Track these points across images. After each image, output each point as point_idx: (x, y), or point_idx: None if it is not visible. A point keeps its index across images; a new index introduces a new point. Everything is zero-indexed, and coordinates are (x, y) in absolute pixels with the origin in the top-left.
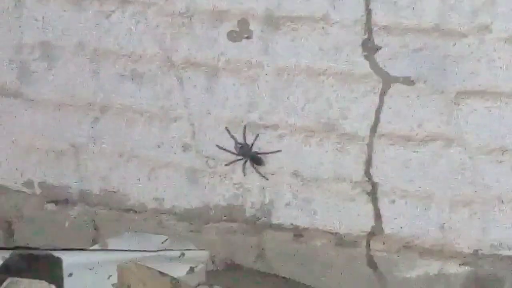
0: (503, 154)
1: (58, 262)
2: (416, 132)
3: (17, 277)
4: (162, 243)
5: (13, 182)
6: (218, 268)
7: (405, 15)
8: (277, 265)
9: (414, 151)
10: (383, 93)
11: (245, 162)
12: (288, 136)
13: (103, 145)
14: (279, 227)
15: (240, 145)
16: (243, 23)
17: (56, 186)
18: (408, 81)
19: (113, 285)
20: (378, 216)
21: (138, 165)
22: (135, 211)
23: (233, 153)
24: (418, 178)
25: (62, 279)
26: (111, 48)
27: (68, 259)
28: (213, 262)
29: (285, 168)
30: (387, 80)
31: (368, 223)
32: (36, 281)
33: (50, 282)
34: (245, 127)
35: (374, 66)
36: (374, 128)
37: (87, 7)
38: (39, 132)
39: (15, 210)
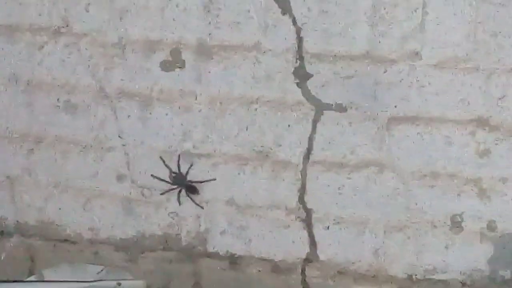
0: (435, 179)
1: None
2: (349, 159)
3: None
4: (98, 273)
5: None
6: None
7: (336, 43)
8: None
9: (348, 178)
10: (315, 120)
11: (180, 191)
12: (222, 165)
13: (38, 176)
14: (215, 255)
15: (175, 174)
16: (176, 52)
17: None
18: (340, 108)
19: None
20: (313, 242)
21: (73, 196)
22: (71, 242)
23: (168, 182)
24: (351, 204)
25: None
26: (44, 80)
27: None
28: None
29: (219, 197)
30: (320, 108)
31: (303, 250)
32: None
33: None
34: (179, 156)
35: (306, 93)
36: (307, 155)
37: (19, 39)
38: None
39: None
